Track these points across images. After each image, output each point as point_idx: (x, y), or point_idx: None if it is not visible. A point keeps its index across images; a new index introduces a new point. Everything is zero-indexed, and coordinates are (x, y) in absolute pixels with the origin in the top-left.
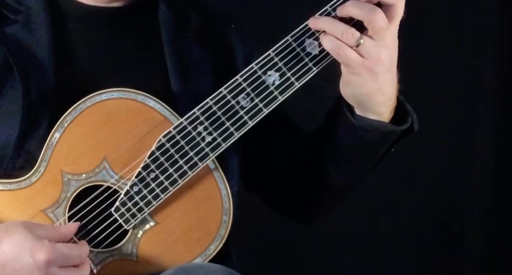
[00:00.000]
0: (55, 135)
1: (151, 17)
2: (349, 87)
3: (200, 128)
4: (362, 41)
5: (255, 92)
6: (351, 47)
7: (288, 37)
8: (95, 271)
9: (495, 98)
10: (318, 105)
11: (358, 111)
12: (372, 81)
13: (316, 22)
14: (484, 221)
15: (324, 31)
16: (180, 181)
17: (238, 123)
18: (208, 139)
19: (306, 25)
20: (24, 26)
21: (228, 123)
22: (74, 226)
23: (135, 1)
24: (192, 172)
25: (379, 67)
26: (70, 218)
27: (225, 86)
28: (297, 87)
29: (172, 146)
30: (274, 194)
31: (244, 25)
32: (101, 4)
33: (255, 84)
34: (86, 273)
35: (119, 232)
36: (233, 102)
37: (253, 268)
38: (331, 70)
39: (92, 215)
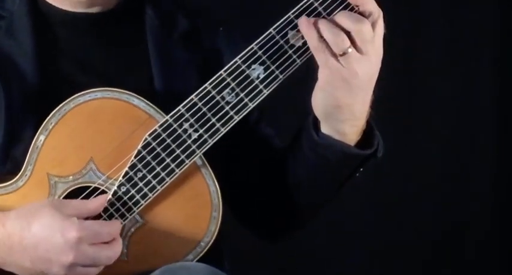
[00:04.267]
0: (40, 138)
1: (137, 20)
2: (320, 95)
3: (186, 125)
4: (350, 50)
5: (240, 87)
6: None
7: (270, 29)
8: None
9: (495, 98)
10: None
11: (323, 129)
12: (344, 93)
13: (309, 24)
14: (485, 222)
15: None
16: (167, 179)
17: (224, 119)
18: (195, 135)
19: (289, 17)
20: (7, 32)
21: (213, 119)
22: (102, 199)
23: (119, 6)
24: (180, 170)
25: (354, 80)
26: None
27: (210, 81)
28: (281, 80)
29: (159, 144)
30: (241, 207)
31: (233, 27)
32: (80, 10)
33: (240, 79)
34: (118, 250)
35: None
36: (218, 97)
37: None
38: None
39: None
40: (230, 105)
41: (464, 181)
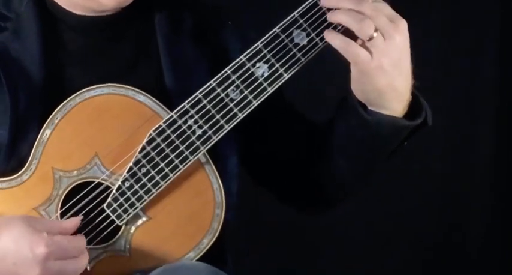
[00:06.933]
0: (46, 132)
1: (146, 19)
2: (358, 85)
3: (190, 122)
4: (375, 34)
5: (244, 84)
6: (363, 41)
7: (275, 28)
8: (88, 268)
9: (495, 98)
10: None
11: (370, 107)
12: (381, 77)
13: (335, 16)
14: (484, 222)
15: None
16: (171, 175)
17: (228, 116)
18: (199, 132)
19: (294, 16)
20: (13, 34)
21: (218, 116)
22: (76, 220)
23: (127, 8)
24: (184, 166)
25: (387, 62)
26: (62, 215)
27: (214, 79)
28: (286, 79)
29: (163, 140)
30: (283, 185)
31: (242, 21)
32: (91, 14)
33: (244, 77)
34: (84, 263)
35: (111, 227)
36: (223, 95)
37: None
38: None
39: (84, 211)
40: (234, 103)
41: (464, 181)
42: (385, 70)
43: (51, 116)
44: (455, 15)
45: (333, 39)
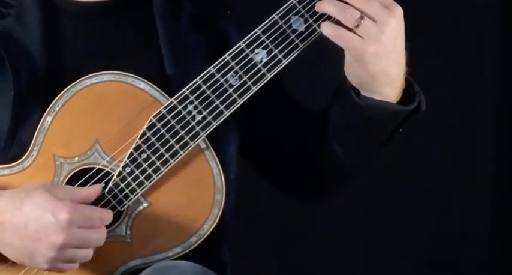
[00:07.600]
0: (47, 119)
1: (146, 7)
2: (352, 70)
3: (190, 108)
4: (362, 21)
5: (243, 70)
6: (351, 29)
7: (274, 15)
8: None
9: (495, 98)
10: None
11: (363, 93)
12: (375, 63)
13: (320, 6)
14: (483, 222)
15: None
16: (171, 161)
17: (228, 102)
18: (199, 117)
19: (292, 2)
20: (16, 20)
21: (217, 102)
22: (97, 187)
23: None
24: (184, 152)
25: (380, 48)
26: None
27: (214, 65)
28: (284, 65)
29: (163, 126)
30: (283, 174)
31: (241, 11)
32: None
33: (243, 63)
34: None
35: (113, 213)
36: (222, 80)
37: None
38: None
39: None
40: (233, 88)
41: (464, 181)
42: (379, 55)
43: (52, 103)
44: (455, 15)
45: (324, 27)
